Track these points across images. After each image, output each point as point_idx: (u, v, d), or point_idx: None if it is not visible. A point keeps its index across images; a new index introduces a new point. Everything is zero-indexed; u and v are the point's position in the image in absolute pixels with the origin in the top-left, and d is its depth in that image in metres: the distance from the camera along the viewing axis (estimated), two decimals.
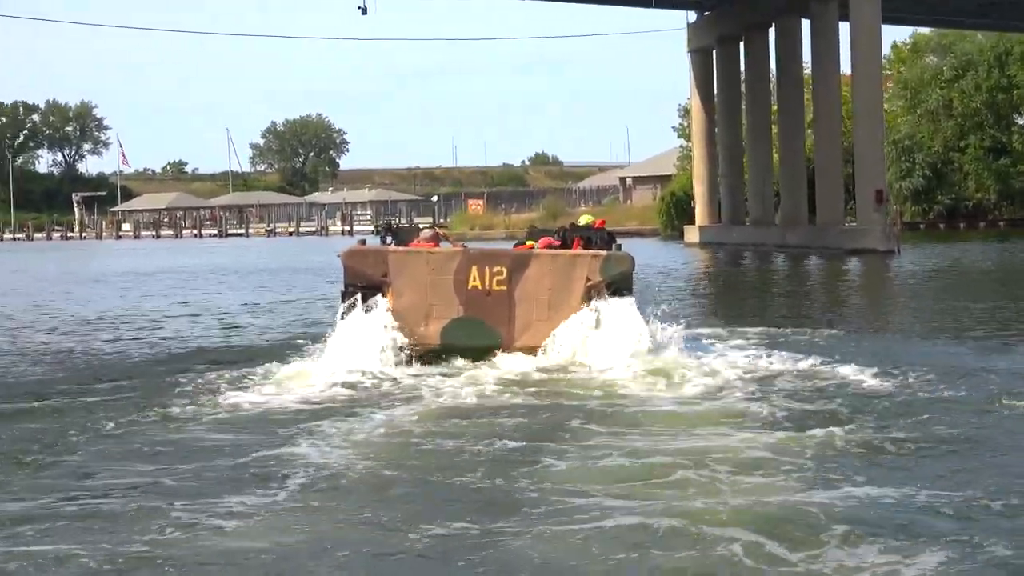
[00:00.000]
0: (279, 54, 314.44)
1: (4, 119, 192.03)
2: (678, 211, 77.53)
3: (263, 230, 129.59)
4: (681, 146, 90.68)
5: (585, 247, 18.52)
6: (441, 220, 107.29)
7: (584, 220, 19.97)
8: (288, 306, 31.55)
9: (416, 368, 17.11)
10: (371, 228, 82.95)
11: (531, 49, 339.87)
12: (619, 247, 18.81)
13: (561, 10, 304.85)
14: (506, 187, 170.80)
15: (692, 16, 68.98)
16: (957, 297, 30.00)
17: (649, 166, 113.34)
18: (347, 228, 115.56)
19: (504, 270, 17.91)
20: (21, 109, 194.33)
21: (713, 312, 28.39)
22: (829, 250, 51.19)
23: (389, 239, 19.34)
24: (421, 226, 23.84)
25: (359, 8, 56.84)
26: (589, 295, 17.67)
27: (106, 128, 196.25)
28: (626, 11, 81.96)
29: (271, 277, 46.55)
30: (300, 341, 20.21)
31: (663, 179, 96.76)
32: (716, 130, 68.27)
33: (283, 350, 19.44)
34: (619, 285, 17.84)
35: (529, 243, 19.25)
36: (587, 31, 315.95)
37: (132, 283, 44.85)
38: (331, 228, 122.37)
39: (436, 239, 19.11)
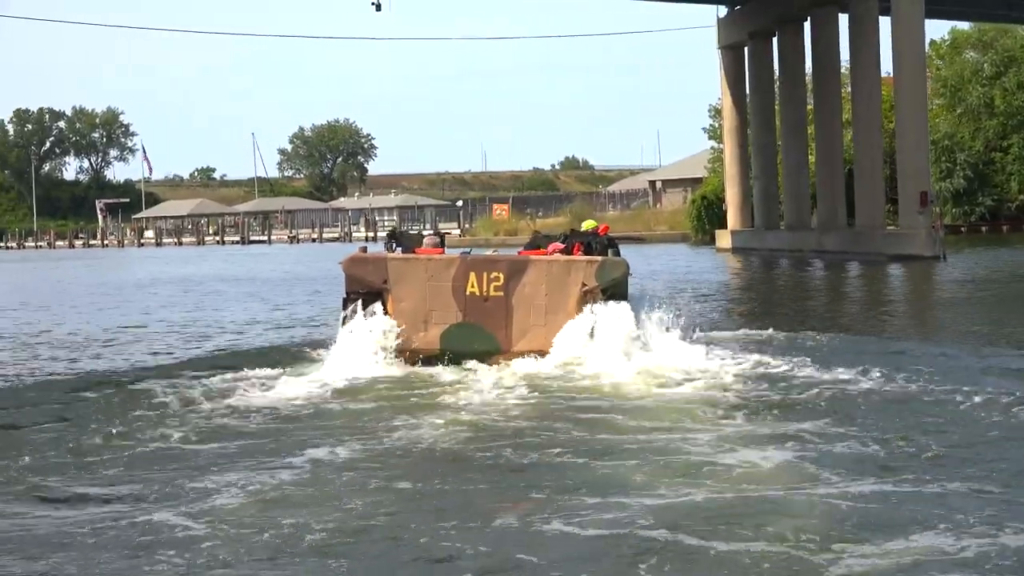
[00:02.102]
0: (309, 59, 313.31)
1: (31, 126, 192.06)
2: (709, 215, 74.89)
3: (286, 236, 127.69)
4: (712, 147, 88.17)
5: (586, 253, 18.89)
6: (466, 225, 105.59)
7: (587, 225, 20.23)
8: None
9: (415, 372, 17.56)
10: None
11: (560, 51, 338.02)
12: (617, 253, 19.19)
13: (590, 9, 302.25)
14: (535, 191, 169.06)
15: (723, 11, 66.24)
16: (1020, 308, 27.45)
17: (679, 168, 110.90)
18: (371, 234, 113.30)
19: (501, 276, 18.31)
20: (47, 115, 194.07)
21: (732, 320, 26.87)
22: (870, 256, 48.38)
23: (394, 246, 19.68)
24: (425, 233, 24.11)
25: (372, 4, 54.54)
26: (585, 300, 18.09)
27: (133, 134, 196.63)
28: (656, 9, 79.33)
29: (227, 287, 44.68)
30: (302, 345, 20.83)
31: (694, 182, 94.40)
32: (749, 130, 65.44)
33: (286, 355, 19.77)
34: (614, 290, 18.23)
35: (542, 249, 19.59)
36: (616, 30, 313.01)
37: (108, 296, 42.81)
38: (355, 234, 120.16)
39: (439, 246, 19.65)
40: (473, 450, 12.30)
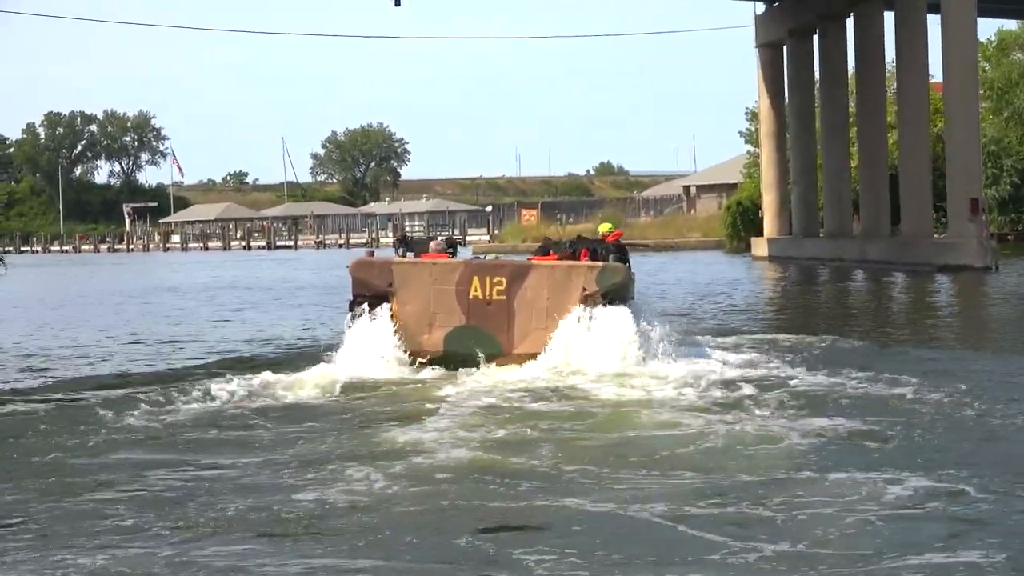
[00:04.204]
0: (344, 64, 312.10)
1: (62, 129, 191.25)
2: (745, 222, 72.08)
3: (312, 242, 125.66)
4: (748, 152, 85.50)
5: (592, 259, 19.21)
6: (495, 231, 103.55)
7: (603, 229, 20.81)
8: None
9: (418, 374, 18.06)
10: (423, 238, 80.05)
11: (595, 53, 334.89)
12: (625, 259, 19.48)
13: (631, 9, 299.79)
14: (569, 196, 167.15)
15: (761, 8, 63.48)
16: None
17: (714, 173, 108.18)
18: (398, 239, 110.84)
19: (504, 280, 18.77)
20: (79, 119, 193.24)
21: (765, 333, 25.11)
22: (916, 266, 45.49)
23: (404, 251, 20.48)
24: (439, 237, 24.99)
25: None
26: (585, 304, 18.43)
27: (164, 138, 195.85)
28: (693, 7, 76.82)
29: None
30: (309, 348, 21.86)
31: (729, 187, 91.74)
32: (787, 134, 62.73)
33: (292, 357, 20.79)
34: (614, 295, 18.59)
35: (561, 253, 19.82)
36: (651, 30, 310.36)
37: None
38: (383, 239, 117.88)
39: (445, 251, 20.15)
40: (460, 467, 11.96)
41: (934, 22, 48.47)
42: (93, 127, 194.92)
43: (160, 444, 13.45)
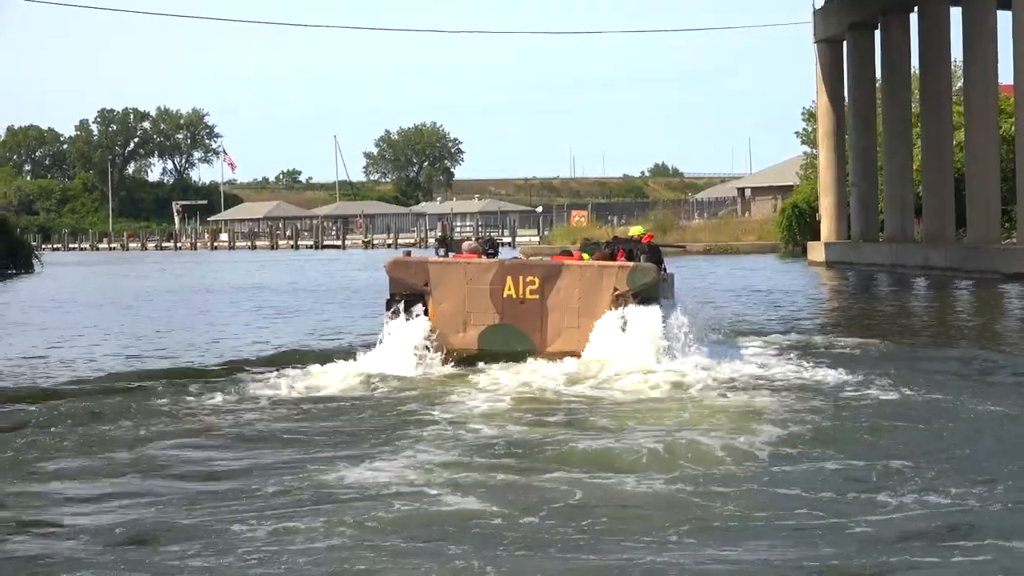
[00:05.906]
0: (398, 63, 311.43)
1: (115, 126, 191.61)
2: (800, 225, 69.56)
3: (360, 241, 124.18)
4: (805, 153, 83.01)
5: (628, 259, 19.82)
6: (545, 232, 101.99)
7: (635, 231, 21.43)
8: None
9: (452, 371, 18.54)
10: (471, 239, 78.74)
11: (653, 54, 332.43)
12: (658, 260, 20.08)
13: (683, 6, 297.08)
14: (623, 198, 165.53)
15: (820, 2, 60.97)
16: None
17: (770, 175, 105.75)
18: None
19: (537, 280, 19.25)
20: (132, 116, 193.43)
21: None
22: (982, 274, 42.99)
23: (444, 251, 21.05)
24: (470, 239, 24.71)
25: None
26: (616, 303, 18.85)
27: (217, 136, 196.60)
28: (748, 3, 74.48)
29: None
30: (347, 344, 22.70)
31: (784, 190, 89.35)
32: (846, 134, 60.24)
33: (330, 353, 20.90)
34: (645, 294, 18.96)
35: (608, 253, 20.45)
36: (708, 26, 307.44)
37: None
38: (431, 240, 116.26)
39: (478, 251, 20.56)
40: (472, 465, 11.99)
41: (1003, 18, 45.99)
42: (146, 124, 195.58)
43: (163, 444, 13.41)
